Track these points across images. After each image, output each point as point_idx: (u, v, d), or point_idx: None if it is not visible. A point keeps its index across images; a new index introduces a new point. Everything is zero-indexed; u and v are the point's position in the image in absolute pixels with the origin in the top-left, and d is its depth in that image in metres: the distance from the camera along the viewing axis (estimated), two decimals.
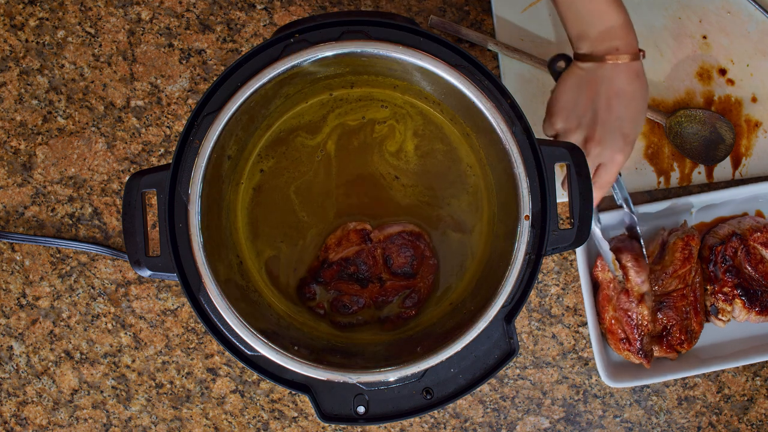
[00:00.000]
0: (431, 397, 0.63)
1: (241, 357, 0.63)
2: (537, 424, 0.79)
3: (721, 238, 0.75)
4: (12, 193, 0.78)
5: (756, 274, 0.75)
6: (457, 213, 0.72)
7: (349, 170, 0.72)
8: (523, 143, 0.63)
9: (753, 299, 0.74)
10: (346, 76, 0.69)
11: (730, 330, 0.79)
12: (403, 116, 0.72)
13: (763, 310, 0.74)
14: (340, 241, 0.70)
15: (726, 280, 0.75)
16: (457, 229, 0.72)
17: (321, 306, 0.71)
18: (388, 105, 0.72)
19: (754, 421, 0.80)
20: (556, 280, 0.79)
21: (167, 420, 0.78)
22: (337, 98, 0.72)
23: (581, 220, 0.64)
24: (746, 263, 0.75)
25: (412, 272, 0.70)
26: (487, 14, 0.79)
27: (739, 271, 0.75)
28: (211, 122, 0.63)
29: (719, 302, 0.75)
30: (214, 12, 0.78)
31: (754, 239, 0.75)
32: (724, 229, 0.76)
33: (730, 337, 0.79)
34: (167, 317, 0.78)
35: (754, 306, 0.74)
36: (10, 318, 0.78)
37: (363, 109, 0.72)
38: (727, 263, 0.75)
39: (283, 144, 0.72)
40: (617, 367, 0.77)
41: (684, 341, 0.74)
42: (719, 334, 0.78)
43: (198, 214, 0.62)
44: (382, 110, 0.72)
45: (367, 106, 0.72)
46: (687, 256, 0.74)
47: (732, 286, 0.74)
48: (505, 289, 0.62)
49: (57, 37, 0.78)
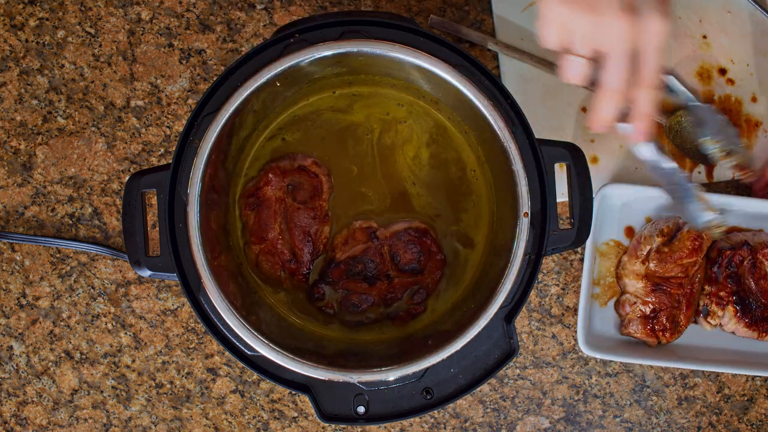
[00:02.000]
0: (431, 397, 0.63)
1: (241, 357, 0.63)
2: (537, 424, 0.79)
3: (732, 244, 0.76)
4: (12, 193, 0.78)
5: (756, 287, 0.75)
6: (458, 213, 0.72)
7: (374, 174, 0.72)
8: (523, 143, 0.63)
9: (746, 310, 0.74)
10: (344, 75, 0.69)
11: (713, 337, 0.79)
12: (417, 116, 0.72)
13: (752, 323, 0.75)
14: (347, 239, 0.70)
15: (725, 284, 0.75)
16: (459, 232, 0.72)
17: (330, 306, 0.71)
18: (404, 104, 0.72)
19: (754, 421, 0.80)
20: (556, 280, 0.79)
21: (167, 420, 0.78)
22: (340, 96, 0.72)
23: (581, 220, 0.64)
24: (749, 275, 0.75)
25: (420, 268, 0.71)
26: (487, 14, 0.79)
27: (740, 281, 0.75)
28: (211, 122, 0.63)
29: (712, 304, 0.75)
30: (214, 12, 0.78)
31: (764, 254, 0.75)
32: (738, 237, 0.76)
33: (711, 345, 0.79)
34: (167, 317, 0.78)
35: (745, 317, 0.74)
36: (10, 318, 0.78)
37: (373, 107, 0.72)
38: (731, 269, 0.75)
39: (284, 140, 0.72)
40: (596, 337, 0.77)
41: (667, 330, 0.74)
42: (701, 339, 0.78)
43: (198, 214, 0.62)
44: (399, 108, 0.72)
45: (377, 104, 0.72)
46: (696, 248, 0.73)
47: (729, 292, 0.74)
48: (504, 288, 0.62)
49: (57, 37, 0.78)
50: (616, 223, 0.78)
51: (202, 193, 0.63)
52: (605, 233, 0.78)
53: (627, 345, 0.77)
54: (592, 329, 0.77)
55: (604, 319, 0.78)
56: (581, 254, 0.79)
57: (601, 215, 0.77)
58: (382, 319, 0.71)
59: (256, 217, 0.70)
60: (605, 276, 0.78)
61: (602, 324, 0.78)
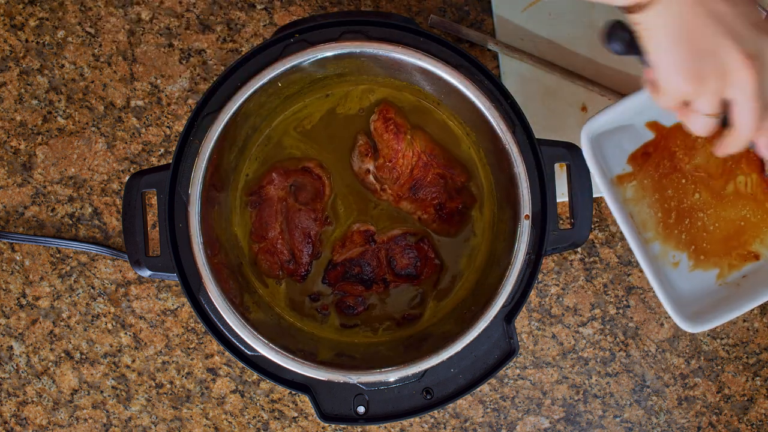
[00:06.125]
0: (431, 397, 0.63)
1: (241, 357, 0.63)
2: (537, 424, 0.79)
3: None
4: (12, 193, 0.78)
5: None
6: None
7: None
8: (523, 143, 0.63)
9: None
10: (344, 76, 0.69)
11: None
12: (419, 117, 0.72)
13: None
14: (345, 242, 0.70)
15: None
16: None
17: (326, 307, 0.71)
18: (405, 105, 0.72)
19: (754, 421, 0.80)
20: (556, 280, 0.79)
21: (167, 420, 0.78)
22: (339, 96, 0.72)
23: (581, 220, 0.64)
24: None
25: (416, 273, 0.70)
26: (487, 14, 0.79)
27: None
28: (211, 122, 0.63)
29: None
30: (214, 12, 0.78)
31: None
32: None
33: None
34: (167, 317, 0.78)
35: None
36: (10, 318, 0.78)
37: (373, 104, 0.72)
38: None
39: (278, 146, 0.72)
40: (689, 305, 0.70)
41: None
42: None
43: (198, 214, 0.62)
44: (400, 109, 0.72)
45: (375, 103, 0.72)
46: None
47: None
48: (505, 289, 0.62)
49: (57, 37, 0.78)
50: (619, 153, 0.73)
51: (202, 192, 0.63)
52: (615, 167, 0.72)
53: (727, 293, 0.71)
54: (679, 295, 0.71)
55: (681, 271, 0.71)
56: (581, 254, 0.79)
57: (604, 153, 0.72)
58: (379, 322, 0.71)
59: (257, 215, 0.70)
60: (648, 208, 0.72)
61: (685, 279, 0.71)
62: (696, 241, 0.73)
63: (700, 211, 0.73)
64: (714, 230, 0.73)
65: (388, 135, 0.69)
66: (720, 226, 0.73)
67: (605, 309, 0.79)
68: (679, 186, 0.73)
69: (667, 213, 0.73)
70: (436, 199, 0.69)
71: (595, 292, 0.79)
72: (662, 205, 0.73)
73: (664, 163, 0.73)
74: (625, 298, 0.79)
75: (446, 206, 0.69)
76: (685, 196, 0.73)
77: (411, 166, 0.69)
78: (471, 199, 0.71)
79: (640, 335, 0.79)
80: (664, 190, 0.73)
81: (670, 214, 0.73)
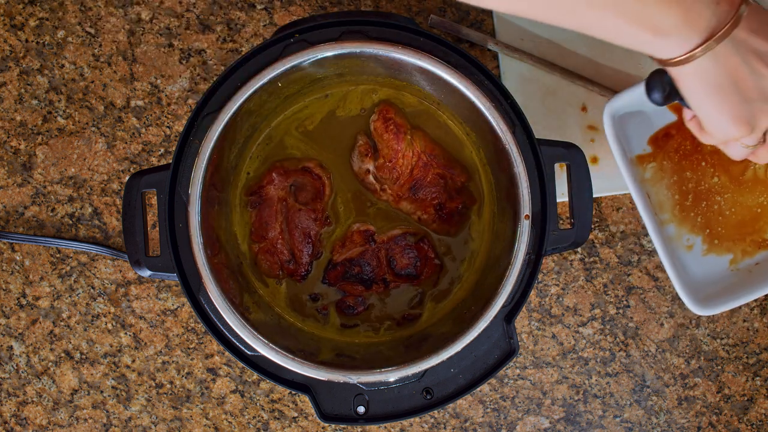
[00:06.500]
0: (431, 397, 0.63)
1: (241, 357, 0.63)
2: (537, 424, 0.79)
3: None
4: (12, 193, 0.78)
5: None
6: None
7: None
8: (523, 143, 0.63)
9: None
10: (344, 76, 0.69)
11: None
12: (420, 118, 0.72)
13: None
14: (344, 242, 0.70)
15: None
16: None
17: (326, 307, 0.71)
18: (406, 106, 0.72)
19: (754, 421, 0.80)
20: (556, 280, 0.79)
21: (167, 420, 0.78)
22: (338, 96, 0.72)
23: (581, 220, 0.64)
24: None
25: (416, 274, 0.70)
26: (487, 14, 0.79)
27: None
28: (211, 122, 0.63)
29: None
30: (214, 12, 0.78)
31: None
32: None
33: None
34: (167, 317, 0.78)
35: None
36: (10, 318, 0.78)
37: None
38: None
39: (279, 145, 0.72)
40: (700, 289, 0.70)
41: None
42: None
43: (198, 214, 0.62)
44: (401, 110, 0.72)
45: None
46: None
47: None
48: (505, 289, 0.62)
49: (57, 37, 0.78)
50: (641, 132, 0.72)
51: (202, 192, 0.63)
52: (635, 147, 0.72)
53: (738, 279, 0.71)
54: (691, 278, 0.71)
55: (695, 254, 0.71)
56: (581, 254, 0.79)
57: (626, 133, 0.71)
58: (379, 322, 0.71)
59: (257, 215, 0.70)
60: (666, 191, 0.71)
61: (698, 263, 0.72)
62: (711, 225, 0.73)
63: (718, 194, 0.73)
64: (730, 215, 0.73)
65: (388, 135, 0.69)
66: (736, 211, 0.73)
67: (605, 309, 0.79)
68: (698, 168, 0.73)
69: (685, 195, 0.73)
70: (436, 199, 0.69)
71: (595, 292, 0.79)
72: (680, 186, 0.73)
73: (685, 144, 0.73)
74: (625, 298, 0.79)
75: (446, 206, 0.69)
76: (704, 179, 0.73)
77: (411, 166, 0.69)
78: (471, 200, 0.71)
79: (640, 335, 0.79)
80: (683, 171, 0.73)
81: (687, 196, 0.73)
